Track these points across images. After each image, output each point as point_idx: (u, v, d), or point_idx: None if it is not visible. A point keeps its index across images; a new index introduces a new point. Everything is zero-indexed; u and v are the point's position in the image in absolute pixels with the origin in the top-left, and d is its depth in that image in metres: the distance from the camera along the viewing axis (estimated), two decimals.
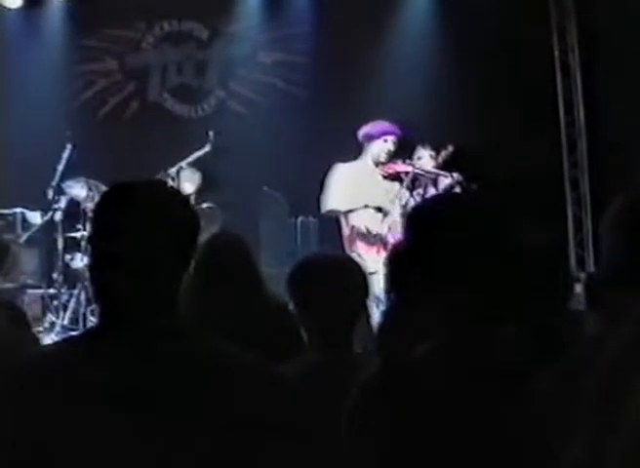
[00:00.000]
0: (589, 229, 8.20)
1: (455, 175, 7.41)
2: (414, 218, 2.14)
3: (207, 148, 8.00)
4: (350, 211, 7.37)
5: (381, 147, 7.51)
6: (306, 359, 2.98)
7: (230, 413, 1.92)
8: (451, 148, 7.57)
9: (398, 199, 7.35)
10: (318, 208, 7.58)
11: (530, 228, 3.16)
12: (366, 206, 7.36)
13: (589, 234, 8.19)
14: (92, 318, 7.69)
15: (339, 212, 7.41)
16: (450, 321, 2.05)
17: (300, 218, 7.96)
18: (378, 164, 7.51)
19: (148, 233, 1.96)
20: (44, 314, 7.99)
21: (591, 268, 7.68)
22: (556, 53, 8.46)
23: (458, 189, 7.47)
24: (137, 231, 1.96)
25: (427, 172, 7.49)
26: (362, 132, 7.55)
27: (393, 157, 7.54)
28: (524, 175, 7.95)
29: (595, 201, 8.19)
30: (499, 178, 7.74)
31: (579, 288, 3.41)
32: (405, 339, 2.20)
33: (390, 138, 7.52)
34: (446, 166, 7.56)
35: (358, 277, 3.06)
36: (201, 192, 8.09)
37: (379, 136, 7.51)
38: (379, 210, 7.36)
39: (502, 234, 2.09)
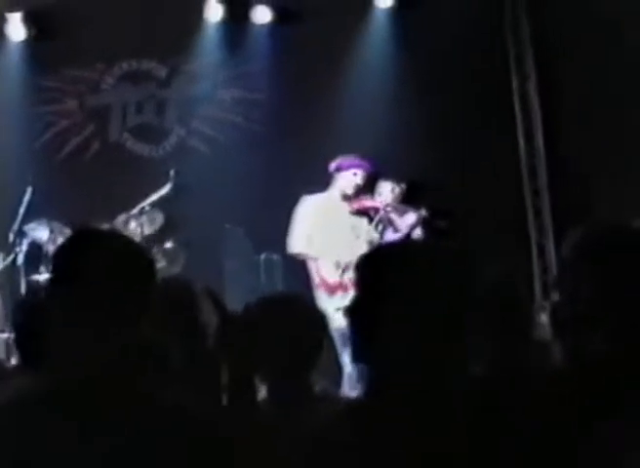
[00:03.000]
0: (552, 256, 8.24)
1: (422, 211, 7.45)
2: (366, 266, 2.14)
3: (168, 188, 7.97)
4: (317, 257, 7.31)
5: (350, 180, 7.48)
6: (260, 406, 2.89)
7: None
8: (403, 186, 7.64)
9: (365, 235, 7.37)
10: (282, 244, 7.57)
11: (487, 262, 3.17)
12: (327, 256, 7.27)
13: (552, 261, 8.23)
14: None
15: (306, 255, 7.35)
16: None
17: (263, 255, 7.94)
18: (345, 197, 7.49)
19: (106, 279, 2.06)
20: (8, 358, 7.88)
21: (556, 297, 7.69)
22: (514, 82, 8.53)
23: (420, 226, 7.51)
24: (95, 277, 2.06)
25: (395, 208, 7.50)
26: (333, 164, 7.53)
27: (360, 192, 7.55)
28: (487, 206, 8.01)
29: (558, 228, 8.24)
30: (462, 211, 7.79)
31: (544, 317, 3.40)
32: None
33: (360, 172, 7.51)
34: (406, 200, 7.61)
35: (312, 316, 3.00)
36: (163, 232, 8.05)
37: (347, 169, 7.49)
38: (337, 265, 7.24)
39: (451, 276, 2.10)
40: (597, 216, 7.23)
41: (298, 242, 7.33)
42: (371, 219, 7.52)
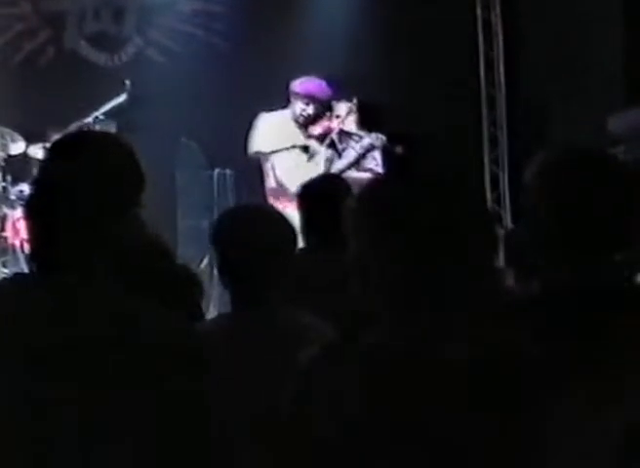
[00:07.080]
0: (506, 187, 8.27)
1: (378, 135, 7.41)
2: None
3: (123, 97, 7.88)
4: (275, 151, 7.25)
5: (302, 109, 7.43)
6: (229, 314, 2.92)
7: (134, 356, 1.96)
8: (355, 101, 7.56)
9: (322, 154, 7.35)
10: (235, 160, 7.54)
11: None
12: (293, 146, 7.24)
13: (506, 192, 8.26)
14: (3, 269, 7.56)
15: (264, 153, 7.27)
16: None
17: (216, 170, 7.88)
18: (298, 119, 7.45)
19: (95, 182, 2.03)
20: None
21: (509, 225, 7.76)
22: (478, 10, 8.46)
23: (378, 150, 7.47)
24: (83, 180, 2.03)
25: (352, 133, 7.47)
26: (292, 86, 7.46)
27: (314, 119, 7.50)
28: (444, 133, 7.98)
29: (512, 159, 8.26)
30: (418, 136, 7.76)
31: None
32: None
33: (313, 102, 7.45)
34: (365, 122, 7.56)
35: (283, 229, 2.94)
36: None
37: (303, 97, 7.44)
38: (305, 149, 7.23)
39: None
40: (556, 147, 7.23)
41: (257, 142, 7.31)
42: (324, 140, 7.48)
